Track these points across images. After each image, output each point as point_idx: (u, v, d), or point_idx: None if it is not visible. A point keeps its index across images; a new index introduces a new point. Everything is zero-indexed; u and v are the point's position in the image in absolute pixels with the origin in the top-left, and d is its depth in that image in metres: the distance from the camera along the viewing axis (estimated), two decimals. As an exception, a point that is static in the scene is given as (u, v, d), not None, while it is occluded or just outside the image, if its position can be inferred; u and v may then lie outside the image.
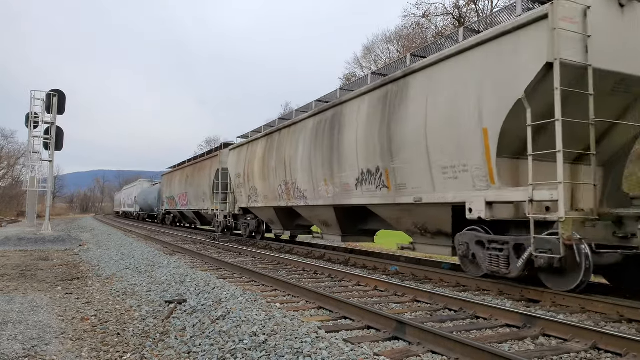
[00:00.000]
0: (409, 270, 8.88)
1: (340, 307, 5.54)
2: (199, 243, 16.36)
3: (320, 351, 3.76)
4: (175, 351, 4.30)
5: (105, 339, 4.82)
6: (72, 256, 13.11)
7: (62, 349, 4.48)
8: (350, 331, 4.74)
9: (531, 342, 4.43)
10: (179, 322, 5.20)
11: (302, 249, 13.13)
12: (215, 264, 10.23)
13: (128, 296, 6.89)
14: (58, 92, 20.77)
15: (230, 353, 3.95)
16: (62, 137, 21.08)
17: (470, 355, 3.73)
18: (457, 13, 29.45)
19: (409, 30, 34.88)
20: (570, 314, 5.57)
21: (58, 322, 5.49)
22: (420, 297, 6.35)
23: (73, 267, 10.70)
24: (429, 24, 32.00)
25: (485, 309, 5.37)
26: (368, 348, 4.02)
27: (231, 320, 4.78)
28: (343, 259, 10.95)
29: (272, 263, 10.65)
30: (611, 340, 4.12)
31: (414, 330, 4.35)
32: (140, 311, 5.87)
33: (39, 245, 15.90)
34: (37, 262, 11.56)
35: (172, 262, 10.13)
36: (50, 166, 21.23)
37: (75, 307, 6.38)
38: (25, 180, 22.80)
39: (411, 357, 3.93)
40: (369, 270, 9.48)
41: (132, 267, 9.66)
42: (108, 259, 11.47)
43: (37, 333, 4.95)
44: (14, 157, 67.34)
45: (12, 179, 66.84)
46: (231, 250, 13.67)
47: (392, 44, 43.31)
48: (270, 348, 3.93)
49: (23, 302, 6.56)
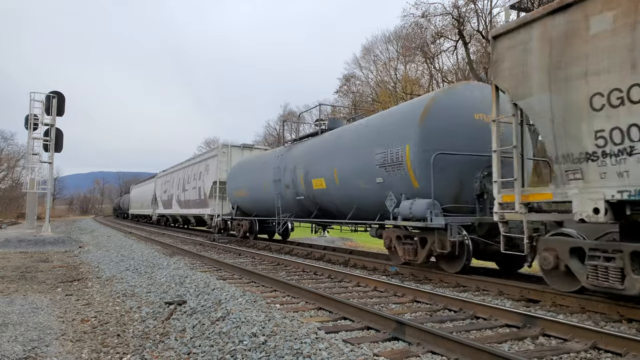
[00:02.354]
0: (408, 270, 8.88)
1: (340, 307, 5.54)
2: (199, 244, 16.36)
3: (320, 352, 3.76)
4: (175, 352, 4.30)
5: (105, 340, 4.82)
6: (72, 258, 13.10)
7: (62, 351, 4.48)
8: (350, 332, 4.74)
9: (531, 342, 4.44)
10: (179, 323, 5.21)
11: (301, 250, 13.13)
12: (215, 265, 10.23)
13: (128, 297, 6.89)
14: (57, 94, 20.76)
15: (230, 354, 3.95)
16: (62, 139, 21.07)
17: (470, 356, 3.74)
18: (456, 13, 29.43)
19: (408, 30, 34.87)
20: (570, 313, 5.57)
21: (58, 324, 5.49)
22: (419, 297, 6.36)
23: (73, 268, 10.70)
24: (428, 24, 32.00)
25: (485, 309, 5.38)
26: (368, 348, 4.03)
27: (231, 321, 4.78)
28: (343, 260, 10.95)
29: (272, 264, 10.65)
30: (611, 340, 4.13)
31: (413, 331, 4.35)
32: (140, 312, 5.87)
33: (39, 247, 15.89)
34: (37, 263, 11.56)
35: (172, 263, 10.13)
36: (50, 168, 21.22)
37: (75, 308, 6.37)
38: (25, 182, 22.79)
39: (411, 357, 3.94)
40: (368, 271, 9.48)
41: (132, 269, 9.66)
42: (108, 261, 11.47)
43: (37, 334, 4.95)
44: (14, 159, 67.35)
45: (12, 180, 66.84)
46: (230, 251, 13.68)
47: (391, 44, 43.39)
48: (270, 349, 3.93)
49: (23, 303, 6.56)
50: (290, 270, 9.55)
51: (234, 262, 10.30)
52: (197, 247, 15.36)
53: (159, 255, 12.03)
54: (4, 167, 66.75)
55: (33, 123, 20.21)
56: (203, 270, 9.23)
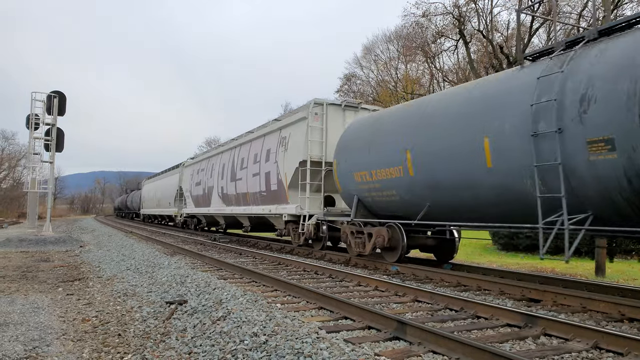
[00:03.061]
0: (409, 270, 8.87)
1: (341, 307, 5.53)
2: (200, 244, 16.36)
3: (321, 351, 3.76)
4: (176, 352, 4.30)
5: (106, 339, 4.82)
6: (73, 257, 13.12)
7: (63, 350, 4.49)
8: (351, 331, 4.73)
9: (532, 341, 4.43)
10: (180, 322, 5.20)
11: (302, 250, 13.13)
12: (216, 264, 10.24)
13: (129, 297, 6.89)
14: (58, 94, 20.79)
15: (231, 354, 3.95)
16: (63, 139, 21.10)
17: (471, 355, 3.73)
18: (457, 12, 29.41)
19: (408, 29, 34.88)
20: (572, 313, 5.56)
21: (59, 323, 5.50)
22: (421, 297, 6.35)
23: (74, 268, 10.70)
24: (428, 23, 31.98)
25: (486, 309, 5.37)
26: (369, 348, 4.02)
27: (232, 321, 4.78)
28: (344, 259, 10.95)
29: (273, 263, 10.65)
30: (612, 340, 4.12)
31: (414, 330, 4.34)
32: (141, 312, 5.87)
33: (40, 247, 15.91)
34: (38, 263, 11.56)
35: (173, 262, 10.13)
36: (51, 167, 21.24)
37: (76, 308, 6.38)
38: (26, 182, 22.81)
39: (412, 357, 3.93)
40: (369, 271, 9.48)
41: (133, 268, 9.66)
42: (109, 260, 11.48)
43: (38, 334, 4.95)
44: (15, 158, 67.46)
45: (13, 180, 66.96)
46: (231, 250, 13.68)
47: (392, 44, 43.34)
48: (270, 348, 3.92)
49: (24, 303, 6.56)
50: (291, 270, 9.55)
51: (234, 262, 10.30)
52: (198, 246, 15.36)
53: (160, 254, 12.03)
54: (5, 166, 66.86)
55: (34, 123, 20.24)
56: (204, 270, 9.23)
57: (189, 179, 24.75)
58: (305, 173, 12.51)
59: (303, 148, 12.58)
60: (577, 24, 24.23)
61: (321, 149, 12.65)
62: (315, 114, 12.73)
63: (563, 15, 26.09)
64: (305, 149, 12.47)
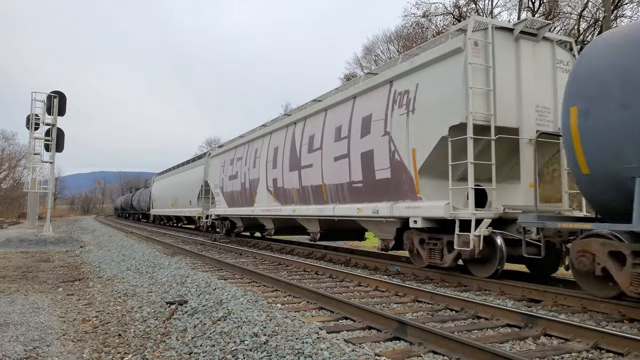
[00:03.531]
0: (410, 270, 8.87)
1: (341, 307, 5.53)
2: (200, 244, 16.36)
3: (322, 351, 3.76)
4: (176, 352, 4.30)
5: (106, 340, 4.82)
6: (73, 257, 13.12)
7: (63, 350, 4.48)
8: (352, 331, 4.74)
9: (532, 342, 4.43)
10: (180, 323, 5.21)
11: (303, 250, 13.13)
12: (216, 264, 10.24)
13: (129, 297, 6.89)
14: (59, 94, 20.80)
15: (232, 354, 3.95)
16: (63, 139, 21.11)
17: (471, 355, 3.73)
18: (457, 12, 29.42)
19: (409, 30, 34.87)
20: (572, 313, 5.56)
21: (59, 324, 5.49)
22: (421, 297, 6.35)
23: (74, 268, 10.71)
24: (429, 23, 32.00)
25: (486, 309, 5.37)
26: (369, 348, 4.02)
27: (232, 321, 4.78)
28: (344, 259, 10.95)
29: (273, 264, 10.65)
30: (613, 340, 4.12)
31: (415, 331, 4.34)
32: (141, 312, 5.87)
33: (40, 247, 15.91)
34: (39, 263, 11.57)
35: (173, 263, 10.14)
36: (51, 168, 21.25)
37: (77, 308, 6.38)
38: (26, 182, 22.84)
39: (412, 357, 3.93)
40: (370, 271, 9.47)
41: (133, 268, 9.66)
42: (109, 260, 11.48)
43: (38, 334, 4.95)
44: (15, 158, 67.44)
45: (14, 180, 66.94)
46: (232, 251, 13.68)
47: (392, 44, 43.34)
48: (271, 349, 3.92)
49: (24, 303, 6.56)
50: (292, 270, 9.55)
51: (235, 262, 10.30)
52: (198, 247, 15.36)
53: (160, 255, 12.04)
54: (5, 167, 66.85)
55: (34, 123, 20.25)
56: (204, 270, 9.23)
57: (218, 171, 19.40)
58: (463, 147, 7.27)
59: (456, 104, 7.41)
60: (577, 24, 24.21)
61: (488, 104, 7.43)
62: (475, 44, 7.42)
63: (563, 15, 26.09)
64: (464, 105, 7.27)
